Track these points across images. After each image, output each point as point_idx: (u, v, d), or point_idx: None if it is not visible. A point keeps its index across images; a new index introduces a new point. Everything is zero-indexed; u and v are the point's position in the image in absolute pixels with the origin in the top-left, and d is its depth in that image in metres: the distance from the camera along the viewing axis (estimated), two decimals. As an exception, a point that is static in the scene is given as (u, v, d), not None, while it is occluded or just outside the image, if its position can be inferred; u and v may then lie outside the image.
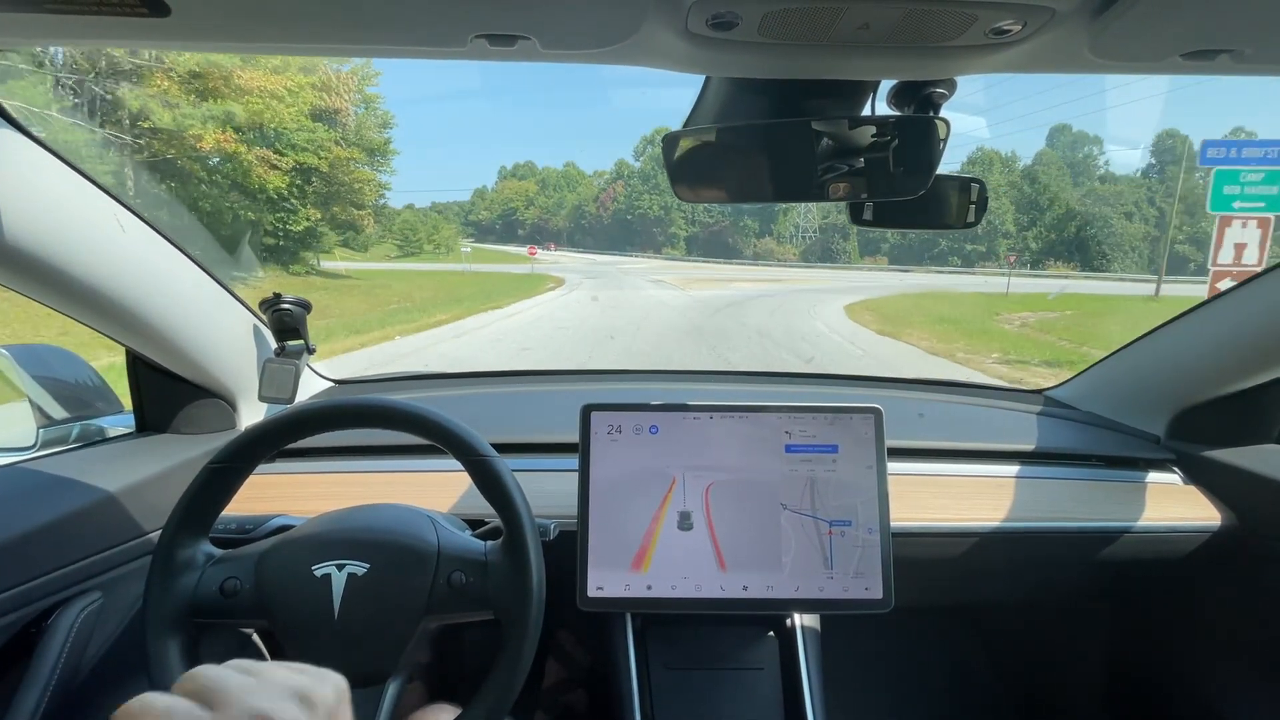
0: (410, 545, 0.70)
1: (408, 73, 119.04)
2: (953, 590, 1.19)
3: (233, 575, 0.68)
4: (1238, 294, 0.97)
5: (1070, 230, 47.70)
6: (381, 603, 0.67)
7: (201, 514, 0.69)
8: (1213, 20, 0.46)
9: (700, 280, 24.73)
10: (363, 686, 0.66)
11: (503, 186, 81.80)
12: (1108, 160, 59.67)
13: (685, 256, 61.11)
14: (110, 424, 1.08)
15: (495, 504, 0.70)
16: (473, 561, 0.70)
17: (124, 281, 0.81)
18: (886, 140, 0.66)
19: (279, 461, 1.07)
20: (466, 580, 0.69)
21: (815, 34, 0.49)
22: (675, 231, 65.64)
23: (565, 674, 1.42)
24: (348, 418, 0.72)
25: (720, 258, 58.03)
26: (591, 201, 72.02)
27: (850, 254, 55.52)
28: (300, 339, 1.09)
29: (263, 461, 0.73)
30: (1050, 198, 49.06)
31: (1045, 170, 52.50)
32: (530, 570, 0.68)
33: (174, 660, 0.64)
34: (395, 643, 0.67)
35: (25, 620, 0.74)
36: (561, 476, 1.01)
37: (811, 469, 0.87)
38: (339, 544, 0.69)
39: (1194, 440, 1.11)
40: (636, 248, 64.81)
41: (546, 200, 77.80)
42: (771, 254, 60.20)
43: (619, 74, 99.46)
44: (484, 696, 0.66)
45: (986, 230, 47.07)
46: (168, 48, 0.53)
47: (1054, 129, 58.96)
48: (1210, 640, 1.10)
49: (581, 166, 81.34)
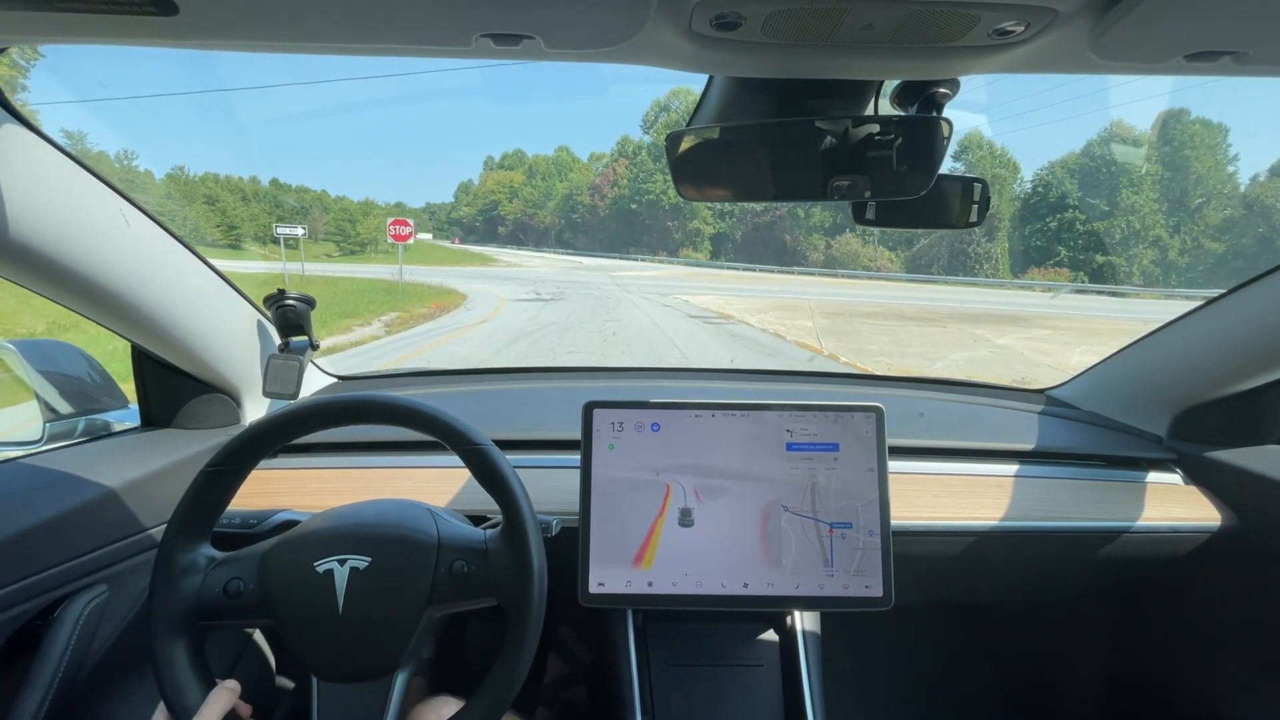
0: (410, 537, 0.70)
1: (401, 66, 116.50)
2: (953, 589, 1.20)
3: (236, 576, 0.68)
4: (1240, 295, 0.97)
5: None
6: (385, 595, 0.68)
7: (201, 517, 0.70)
8: (1215, 22, 0.46)
9: (767, 305, 13.20)
10: (370, 679, 0.67)
11: (487, 179, 73.31)
12: (1236, 154, 45.36)
13: (714, 261, 44.33)
14: (115, 419, 1.08)
15: (492, 491, 0.71)
16: (473, 550, 0.70)
17: (129, 277, 0.82)
18: (890, 140, 0.66)
19: (283, 456, 1.07)
20: (468, 569, 0.69)
21: (818, 34, 0.50)
22: (698, 226, 49.31)
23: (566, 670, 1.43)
24: (330, 417, 0.72)
25: (768, 264, 39.89)
26: (585, 190, 58.49)
27: (997, 262, 37.04)
28: (304, 335, 1.10)
29: (263, 459, 0.73)
30: (1206, 193, 36.75)
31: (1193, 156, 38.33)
32: (530, 555, 0.68)
33: (181, 663, 0.64)
34: (401, 634, 0.68)
35: (32, 613, 0.74)
36: (563, 473, 1.01)
37: (812, 467, 0.87)
38: (340, 539, 0.69)
39: (1195, 440, 1.11)
40: (644, 248, 49.90)
41: (532, 191, 66.41)
42: (854, 258, 40.69)
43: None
44: (489, 686, 0.66)
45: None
46: (175, 46, 0.53)
47: (1168, 114, 41.96)
48: (1211, 640, 1.10)
49: (576, 151, 70.14)
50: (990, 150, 41.46)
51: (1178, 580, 1.12)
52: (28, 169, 0.68)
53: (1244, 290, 0.96)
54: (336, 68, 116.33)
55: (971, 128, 36.71)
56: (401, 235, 16.59)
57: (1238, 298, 0.97)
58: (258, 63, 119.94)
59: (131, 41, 0.52)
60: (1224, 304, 0.99)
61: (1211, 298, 1.02)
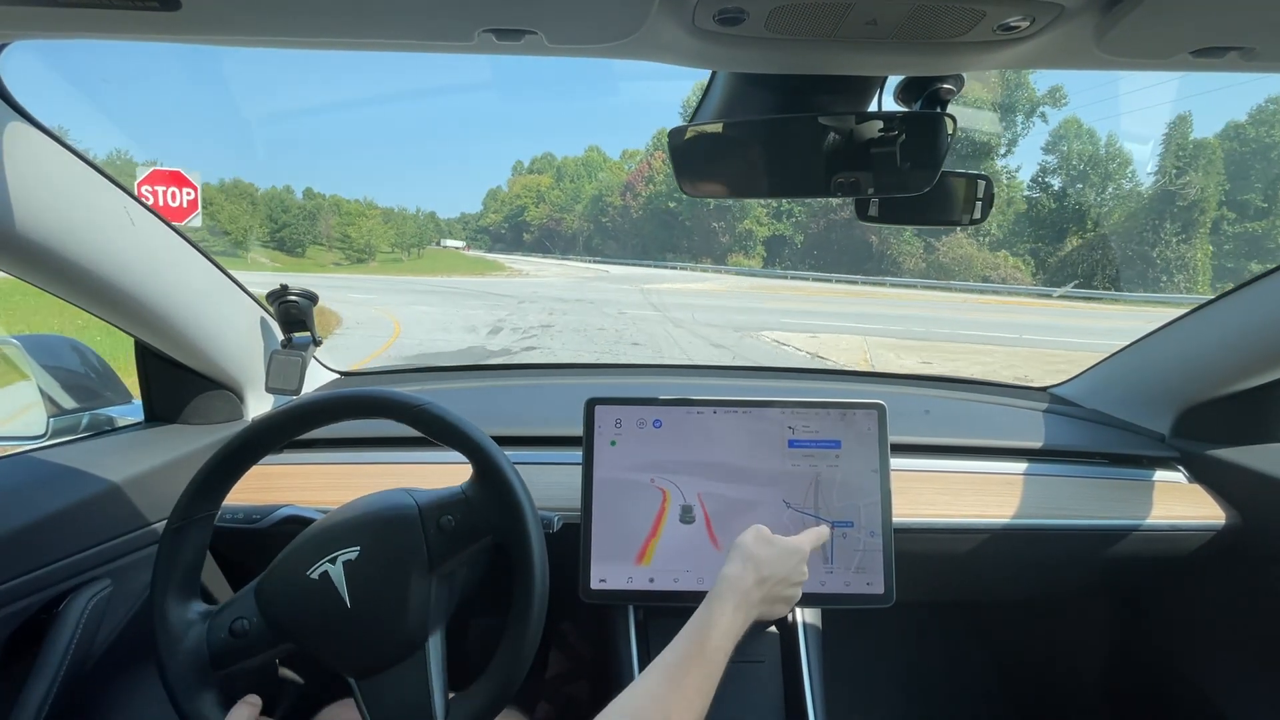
0: (391, 513, 0.71)
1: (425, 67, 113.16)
2: (955, 586, 1.19)
3: (238, 616, 0.68)
4: (1244, 293, 0.96)
5: None
6: (386, 575, 0.68)
7: (182, 575, 0.69)
8: (1222, 17, 0.46)
9: (903, 345, 9.14)
10: (404, 660, 0.67)
11: (514, 184, 70.35)
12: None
13: (777, 269, 34.18)
14: (119, 414, 1.09)
15: (457, 447, 0.71)
16: (454, 502, 0.71)
17: (133, 273, 0.82)
18: (894, 136, 0.66)
19: (286, 452, 1.07)
20: (455, 520, 0.70)
21: (822, 29, 0.49)
22: (750, 227, 38.93)
23: (568, 665, 1.44)
24: (284, 428, 0.72)
25: (846, 272, 30.14)
26: (616, 190, 50.53)
27: (1194, 272, 26.22)
28: (307, 331, 1.10)
29: (228, 492, 0.72)
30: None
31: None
32: (509, 484, 0.69)
33: (214, 714, 0.65)
34: (416, 607, 0.68)
35: (37, 606, 0.75)
36: (565, 470, 1.01)
37: (814, 465, 0.87)
38: (324, 540, 0.70)
39: (1199, 439, 1.11)
40: (684, 254, 41.06)
41: (559, 194, 61.47)
42: (966, 265, 30.00)
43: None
44: (502, 652, 0.67)
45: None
46: (176, 41, 0.53)
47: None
48: (1213, 638, 1.10)
49: (607, 150, 65.65)
50: (1091, 139, 33.37)
51: (1180, 579, 1.12)
52: (33, 166, 0.68)
53: (1249, 288, 0.95)
54: (372, 82, 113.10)
55: (1069, 115, 33.22)
56: (177, 210, 6.99)
57: (1243, 295, 0.96)
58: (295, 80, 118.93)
59: (133, 37, 0.52)
60: (1229, 301, 0.99)
61: (1217, 295, 1.01)
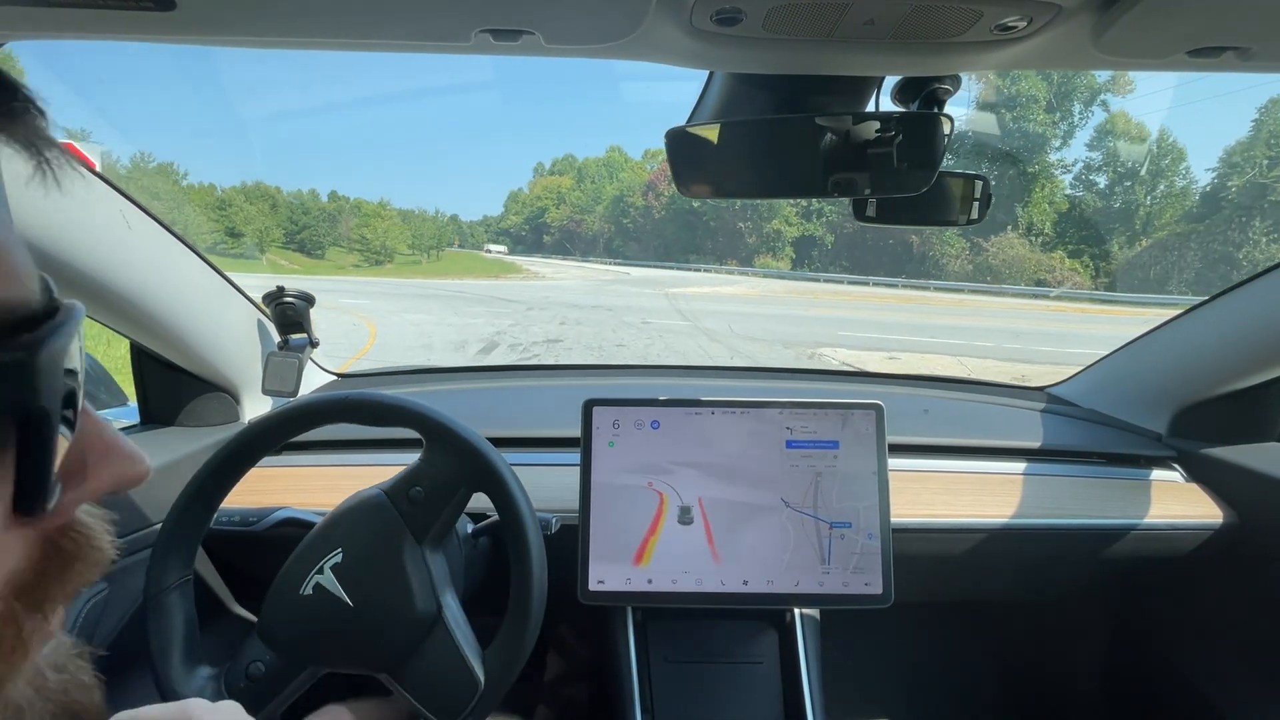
0: (359, 508, 0.72)
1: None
2: (953, 586, 1.19)
3: (250, 661, 0.68)
4: (1240, 292, 0.97)
5: None
6: (377, 563, 0.68)
7: (183, 645, 0.68)
8: (1218, 17, 0.46)
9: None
10: (427, 638, 0.67)
11: (535, 185, 69.43)
12: None
13: (799, 272, 33.00)
14: (115, 416, 1.08)
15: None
16: (416, 473, 0.72)
17: (130, 276, 0.82)
18: (891, 136, 0.66)
19: (284, 454, 1.07)
20: (423, 489, 0.70)
21: (820, 29, 0.49)
22: (778, 227, 37.96)
23: (566, 667, 1.43)
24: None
25: (883, 274, 29.23)
26: (637, 191, 49.84)
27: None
28: (303, 333, 1.09)
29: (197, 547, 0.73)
30: None
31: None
32: (459, 435, 0.70)
33: None
34: (420, 582, 0.68)
35: None
36: (563, 471, 1.01)
37: (812, 465, 0.87)
38: (306, 555, 0.70)
39: (1196, 438, 1.11)
40: (709, 255, 40.47)
41: (580, 196, 60.25)
42: (1017, 267, 28.07)
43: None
44: (510, 616, 0.68)
45: None
46: (172, 41, 0.53)
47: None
48: (1211, 638, 1.10)
49: (629, 150, 63.76)
50: (1140, 135, 32.53)
51: (1177, 577, 1.12)
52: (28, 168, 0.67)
53: (1245, 287, 0.96)
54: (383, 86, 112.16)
55: (1117, 109, 32.00)
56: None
57: (1239, 295, 0.97)
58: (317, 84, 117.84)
59: (130, 37, 0.52)
60: (1225, 301, 0.99)
61: (1213, 294, 1.01)
